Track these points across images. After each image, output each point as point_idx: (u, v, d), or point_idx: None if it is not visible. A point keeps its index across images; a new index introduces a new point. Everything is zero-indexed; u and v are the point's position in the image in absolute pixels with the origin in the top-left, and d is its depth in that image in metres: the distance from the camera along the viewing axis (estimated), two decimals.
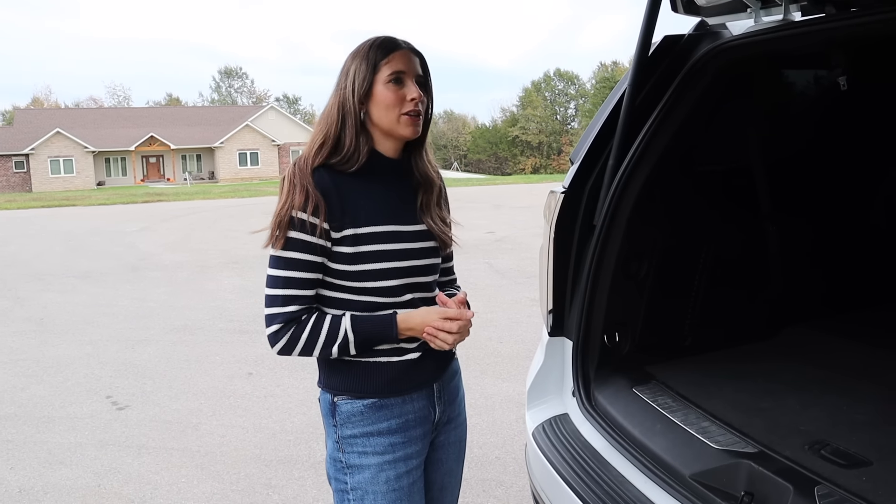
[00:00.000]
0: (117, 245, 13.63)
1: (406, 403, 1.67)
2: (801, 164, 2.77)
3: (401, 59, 1.61)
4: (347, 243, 1.58)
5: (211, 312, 7.39)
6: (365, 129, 1.62)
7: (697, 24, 2.35)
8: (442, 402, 1.75)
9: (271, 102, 65.70)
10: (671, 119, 2.27)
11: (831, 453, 1.77)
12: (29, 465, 3.77)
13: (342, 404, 1.65)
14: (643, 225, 2.29)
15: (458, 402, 1.83)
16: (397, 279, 1.62)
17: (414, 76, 1.62)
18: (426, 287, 1.69)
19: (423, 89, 1.64)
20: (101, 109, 60.61)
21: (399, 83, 1.60)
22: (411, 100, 1.60)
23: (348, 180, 1.59)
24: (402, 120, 1.60)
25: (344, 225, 1.57)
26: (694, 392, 2.16)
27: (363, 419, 1.64)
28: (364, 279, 1.60)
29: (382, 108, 1.60)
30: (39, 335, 6.60)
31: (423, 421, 1.71)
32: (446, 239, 1.72)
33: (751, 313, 2.67)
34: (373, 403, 1.64)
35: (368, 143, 1.62)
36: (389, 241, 1.61)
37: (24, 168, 45.56)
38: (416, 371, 1.67)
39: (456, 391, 1.82)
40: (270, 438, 4.05)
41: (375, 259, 1.59)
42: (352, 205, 1.58)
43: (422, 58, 1.66)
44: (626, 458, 1.91)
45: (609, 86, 62.64)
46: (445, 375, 1.76)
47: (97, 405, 4.68)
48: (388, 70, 1.59)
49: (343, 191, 1.58)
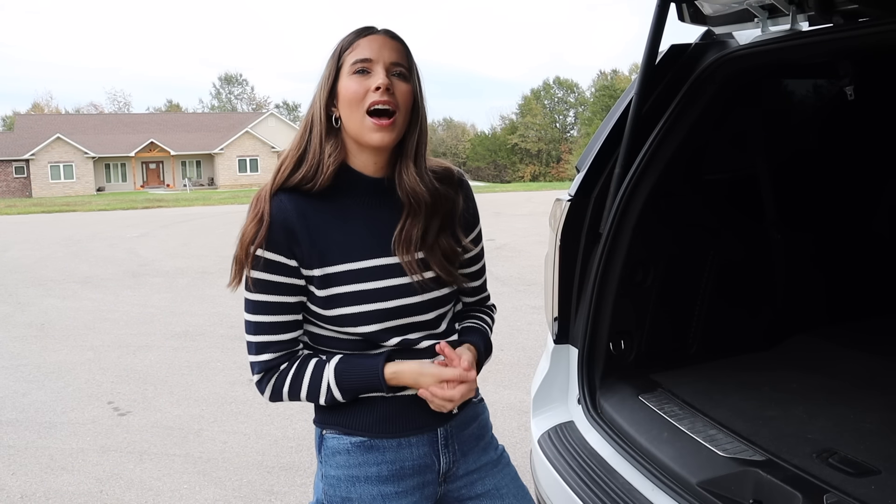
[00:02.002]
0: (118, 251, 13.62)
1: (402, 448, 1.41)
2: (806, 172, 2.78)
3: (368, 44, 1.33)
4: (316, 284, 1.34)
5: (212, 318, 7.38)
6: (334, 137, 1.35)
7: (704, 33, 2.37)
8: (450, 452, 1.47)
9: (271, 109, 65.81)
10: (678, 127, 2.28)
11: (839, 462, 1.77)
12: (31, 470, 3.76)
13: (329, 438, 1.43)
14: (649, 233, 2.30)
15: (480, 453, 1.53)
16: (378, 323, 1.35)
17: (385, 64, 1.32)
18: (425, 326, 1.41)
19: (405, 81, 1.34)
20: (102, 115, 60.68)
21: (364, 73, 1.31)
22: (375, 89, 1.29)
23: (316, 205, 1.34)
24: (367, 123, 1.31)
25: (312, 263, 1.33)
26: (700, 400, 2.16)
27: (349, 460, 1.41)
28: (339, 324, 1.36)
29: (346, 105, 1.32)
30: (41, 340, 6.59)
31: (422, 470, 1.43)
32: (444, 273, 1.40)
33: (756, 321, 2.67)
34: (361, 443, 1.40)
35: (337, 154, 1.34)
36: (367, 279, 1.34)
37: (24, 173, 45.60)
38: (415, 410, 1.40)
39: (474, 440, 1.52)
40: (272, 445, 4.05)
41: (350, 302, 1.34)
42: (321, 238, 1.34)
43: (402, 44, 1.36)
44: (633, 465, 1.91)
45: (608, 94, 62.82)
46: (455, 420, 1.48)
47: (98, 411, 4.67)
48: (351, 59, 1.32)
49: (310, 220, 1.33)
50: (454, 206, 1.45)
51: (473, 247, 1.51)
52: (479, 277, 1.57)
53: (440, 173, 1.45)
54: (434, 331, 1.42)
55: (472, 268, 1.54)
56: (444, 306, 1.44)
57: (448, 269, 1.40)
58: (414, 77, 1.36)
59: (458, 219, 1.45)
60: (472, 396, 1.50)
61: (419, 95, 1.38)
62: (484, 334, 1.54)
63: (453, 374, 1.34)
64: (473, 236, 1.51)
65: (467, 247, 1.47)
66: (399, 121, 1.33)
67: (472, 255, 1.51)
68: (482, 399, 1.59)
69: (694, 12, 2.32)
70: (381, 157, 1.37)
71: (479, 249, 1.55)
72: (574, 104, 71.12)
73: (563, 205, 2.37)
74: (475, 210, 1.53)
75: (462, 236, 1.46)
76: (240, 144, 49.64)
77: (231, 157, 49.57)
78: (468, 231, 1.49)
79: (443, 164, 1.48)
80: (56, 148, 45.61)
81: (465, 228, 1.48)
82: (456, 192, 1.46)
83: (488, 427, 1.58)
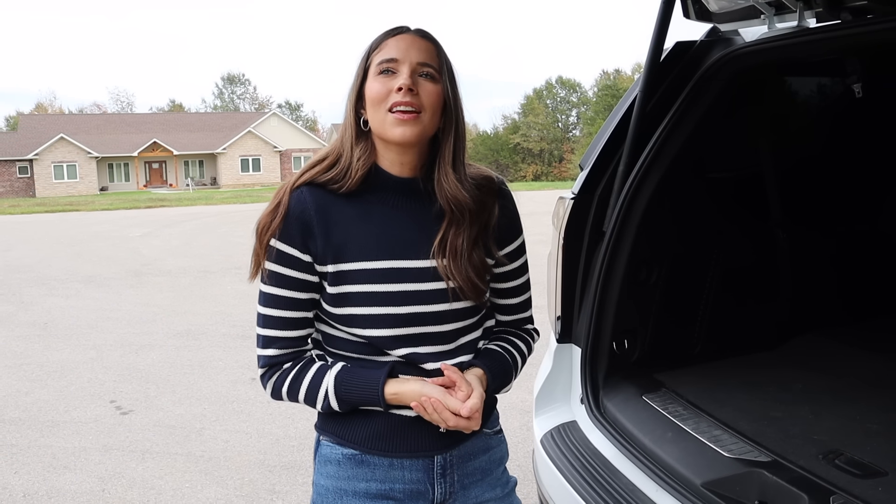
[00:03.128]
0: (121, 250, 13.63)
1: (394, 468, 1.35)
2: (811, 171, 2.76)
3: (395, 44, 1.29)
4: (330, 281, 1.30)
5: (214, 318, 7.38)
6: (364, 140, 1.32)
7: (709, 30, 2.35)
8: (446, 482, 1.39)
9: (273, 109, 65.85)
10: (682, 125, 2.26)
11: (846, 463, 1.75)
12: (33, 469, 3.75)
13: (324, 446, 1.40)
14: (653, 231, 2.28)
15: (485, 488, 1.44)
16: (388, 328, 1.29)
17: (411, 64, 1.27)
18: (438, 339, 1.33)
19: (433, 82, 1.29)
20: (105, 115, 60.75)
21: (389, 73, 1.28)
22: (398, 90, 1.25)
23: (340, 203, 1.31)
24: (389, 118, 1.26)
25: (326, 259, 1.30)
26: (704, 400, 2.14)
27: (339, 471, 1.37)
28: (348, 324, 1.32)
29: (370, 106, 1.29)
30: (43, 339, 6.59)
31: (414, 496, 1.37)
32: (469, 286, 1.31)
33: (761, 321, 2.66)
34: (353, 456, 1.36)
35: (367, 158, 1.31)
36: (383, 280, 1.29)
37: (27, 173, 45.68)
38: (409, 432, 1.34)
39: (480, 473, 1.43)
40: (274, 444, 4.04)
41: (360, 302, 1.29)
42: (339, 234, 1.30)
43: (433, 43, 1.32)
44: (637, 466, 1.89)
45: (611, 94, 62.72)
46: (456, 451, 1.39)
47: (101, 410, 4.67)
48: (377, 59, 1.29)
49: (329, 215, 1.30)
50: (490, 217, 1.37)
51: (508, 262, 1.42)
52: (517, 295, 1.47)
53: (479, 181, 1.38)
54: (445, 347, 1.34)
55: (509, 283, 1.45)
56: (463, 320, 1.36)
57: (473, 281, 1.32)
58: (444, 78, 1.31)
59: (492, 230, 1.38)
60: (487, 427, 1.44)
61: (450, 97, 1.31)
62: (503, 361, 1.43)
63: (454, 407, 1.27)
64: (511, 250, 1.42)
65: (501, 260, 1.39)
66: (425, 119, 1.28)
67: (508, 269, 1.43)
68: (500, 431, 1.50)
69: (699, 9, 2.30)
70: (408, 156, 1.32)
71: (518, 265, 1.45)
72: (577, 104, 71.04)
73: (566, 203, 2.36)
74: (516, 221, 1.44)
75: (494, 248, 1.37)
76: (242, 144, 49.67)
77: (233, 156, 49.60)
78: (503, 244, 1.40)
79: (483, 172, 1.41)
80: (59, 148, 45.68)
81: (500, 241, 1.40)
82: (493, 201, 1.38)
83: (500, 462, 1.49)
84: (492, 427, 1.48)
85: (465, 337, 1.38)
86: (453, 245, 1.31)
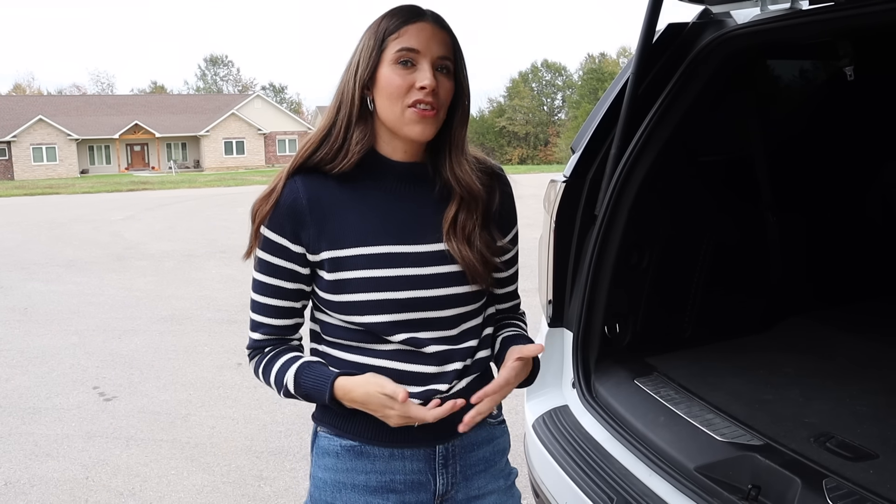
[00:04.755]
0: (102, 234, 13.48)
1: (394, 459, 1.34)
2: (801, 155, 2.75)
3: (416, 33, 1.24)
4: (325, 268, 1.28)
5: (198, 302, 7.32)
6: (364, 121, 1.29)
7: (701, 12, 2.32)
8: (448, 473, 1.37)
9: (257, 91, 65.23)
10: (674, 108, 2.24)
11: (837, 446, 1.76)
12: (15, 457, 3.70)
13: (321, 437, 1.38)
14: (645, 215, 2.27)
15: (488, 479, 1.43)
16: (387, 314, 1.27)
17: (432, 58, 1.24)
18: (438, 324, 1.31)
19: (449, 77, 1.27)
20: (85, 97, 59.98)
21: (408, 65, 1.24)
22: (420, 88, 1.22)
23: (334, 187, 1.29)
24: (408, 114, 1.24)
25: (320, 247, 1.28)
26: (696, 384, 2.14)
27: (338, 463, 1.35)
28: (345, 312, 1.29)
29: (385, 96, 1.25)
30: (24, 325, 6.51)
31: (415, 487, 1.35)
32: (479, 270, 1.30)
33: (751, 304, 2.66)
34: (352, 447, 1.34)
35: (365, 140, 1.28)
36: (381, 265, 1.27)
37: (5, 156, 45.00)
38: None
39: (482, 464, 1.42)
40: (261, 430, 4.01)
41: (359, 288, 1.27)
42: (334, 221, 1.28)
43: (449, 34, 1.29)
44: (629, 450, 1.89)
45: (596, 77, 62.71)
46: (459, 441, 1.37)
47: (84, 396, 4.62)
48: (396, 46, 1.24)
49: (323, 204, 1.28)
50: (492, 199, 1.37)
51: (512, 247, 1.42)
52: (513, 282, 1.48)
53: (483, 166, 1.38)
54: (447, 332, 1.32)
55: (509, 271, 1.44)
56: (463, 306, 1.33)
57: (486, 264, 1.31)
58: (459, 69, 1.29)
59: (495, 214, 1.37)
60: (490, 416, 1.42)
61: (463, 88, 1.30)
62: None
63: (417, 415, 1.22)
64: (511, 237, 1.42)
65: (505, 247, 1.38)
66: (441, 116, 1.27)
67: (508, 257, 1.42)
68: (503, 421, 1.48)
69: None
70: (414, 144, 1.31)
71: (515, 251, 1.45)
72: (562, 87, 71.00)
73: (557, 186, 2.34)
74: (514, 209, 1.43)
75: (498, 235, 1.36)
76: (226, 126, 49.24)
77: (217, 139, 49.16)
78: (505, 231, 1.40)
79: (479, 157, 1.40)
80: (38, 130, 45.01)
81: (502, 228, 1.39)
82: (493, 184, 1.38)
83: (503, 452, 1.47)
84: (495, 417, 1.46)
85: (468, 323, 1.36)
86: (464, 228, 1.30)
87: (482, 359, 1.39)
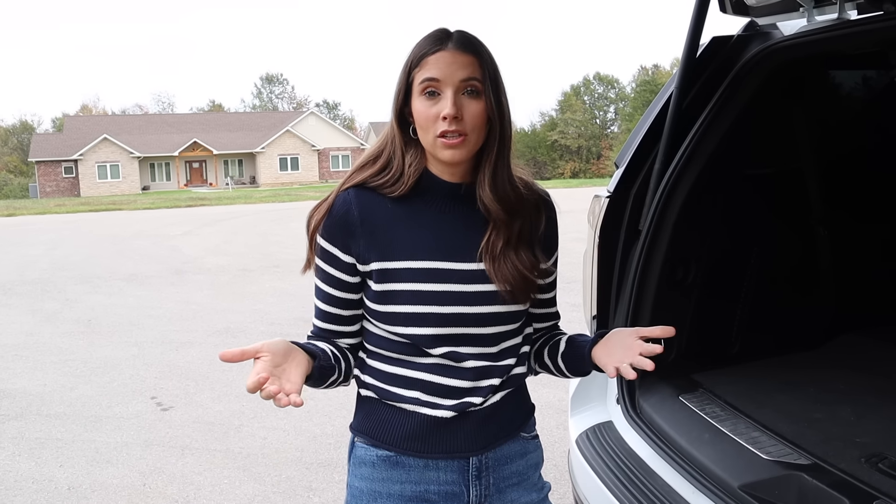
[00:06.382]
0: (162, 248, 13.89)
1: (429, 469, 1.36)
2: (854, 167, 2.69)
3: (436, 63, 1.27)
4: (374, 278, 1.33)
5: (253, 315, 7.48)
6: (415, 146, 1.34)
7: (747, 24, 2.31)
8: (481, 484, 1.39)
9: (311, 108, 66.44)
10: (719, 122, 2.22)
11: (889, 467, 1.71)
12: (77, 463, 3.84)
13: (358, 447, 1.42)
14: (690, 230, 2.25)
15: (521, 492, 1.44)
16: (430, 327, 1.31)
17: (454, 84, 1.27)
18: (479, 341, 1.34)
19: (478, 98, 1.28)
20: (147, 116, 61.98)
21: (433, 95, 1.28)
22: (443, 118, 1.26)
23: (388, 205, 1.33)
24: (438, 143, 1.28)
25: (370, 258, 1.32)
26: (742, 401, 2.11)
27: (374, 473, 1.38)
28: (390, 322, 1.33)
29: (419, 126, 1.31)
30: (87, 336, 6.75)
31: (448, 497, 1.37)
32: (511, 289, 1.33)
33: (801, 320, 2.60)
34: (388, 457, 1.37)
35: (418, 163, 1.33)
36: (428, 279, 1.30)
37: (73, 173, 46.87)
38: (445, 433, 1.35)
39: (516, 477, 1.44)
40: (311, 441, 4.08)
41: (405, 300, 1.31)
42: (385, 234, 1.32)
43: (474, 55, 1.29)
44: (673, 467, 1.87)
45: (649, 89, 61.96)
46: (492, 453, 1.40)
47: (142, 405, 4.77)
48: (420, 78, 1.29)
49: (376, 217, 1.32)
50: (536, 222, 1.39)
51: (555, 270, 1.46)
52: (552, 305, 1.52)
53: (525, 186, 1.40)
54: (488, 349, 1.35)
55: (551, 293, 1.49)
56: (504, 324, 1.36)
57: (522, 281, 1.33)
58: (488, 89, 1.29)
59: (539, 237, 1.39)
60: (524, 431, 1.45)
61: (493, 107, 1.30)
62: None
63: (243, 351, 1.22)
64: (553, 260, 1.45)
65: (549, 269, 1.42)
66: (472, 140, 1.29)
67: (550, 280, 1.45)
68: (536, 436, 1.50)
69: (736, 3, 2.26)
70: (459, 167, 1.34)
71: (556, 274, 1.49)
72: (614, 100, 70.39)
73: (601, 201, 2.34)
74: (556, 234, 1.46)
75: (542, 257, 1.39)
76: (281, 143, 50.25)
77: (272, 155, 50.21)
78: (548, 254, 1.42)
79: (528, 181, 1.42)
80: (103, 148, 46.76)
81: (546, 251, 1.41)
82: (538, 208, 1.41)
83: (536, 467, 1.49)
84: (529, 431, 1.48)
85: (508, 342, 1.39)
86: (495, 246, 1.33)
87: (517, 375, 1.42)
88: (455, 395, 1.34)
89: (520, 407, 1.45)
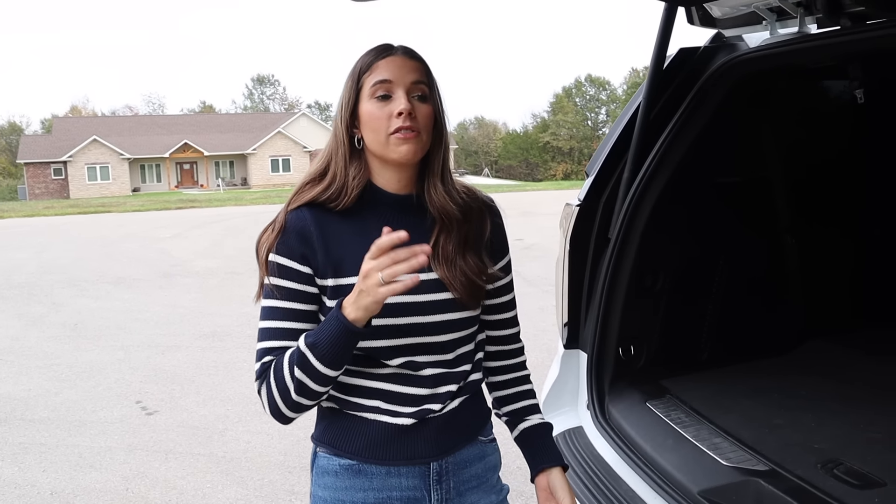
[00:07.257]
0: (150, 251, 13.87)
1: (391, 476, 1.38)
2: (817, 176, 2.74)
3: (387, 66, 1.32)
4: (329, 295, 1.33)
5: (240, 319, 7.49)
6: (358, 159, 1.35)
7: (714, 36, 2.35)
8: (442, 489, 1.41)
9: (303, 109, 66.33)
10: (686, 131, 2.27)
11: (844, 473, 1.75)
12: (61, 468, 3.86)
13: (320, 457, 1.42)
14: (658, 238, 2.29)
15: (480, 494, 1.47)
16: (386, 339, 1.32)
17: (405, 86, 1.31)
18: (434, 349, 1.36)
19: (426, 103, 1.33)
20: (137, 117, 61.70)
21: (385, 98, 1.31)
22: (398, 114, 1.29)
23: (337, 221, 1.34)
24: (392, 140, 1.30)
25: (326, 273, 1.32)
26: (708, 407, 2.15)
27: (337, 482, 1.39)
28: None
29: (369, 130, 1.32)
30: (73, 340, 6.75)
31: (411, 503, 1.40)
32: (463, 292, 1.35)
33: (770, 327, 2.64)
34: (350, 466, 1.38)
35: (361, 176, 1.35)
36: None
37: (62, 175, 46.56)
38: (406, 440, 1.37)
39: (475, 480, 1.46)
40: (294, 445, 4.10)
41: None
42: (337, 250, 1.33)
43: (421, 62, 1.35)
44: (637, 473, 1.91)
45: None
46: (452, 458, 1.42)
47: (127, 410, 4.78)
48: (370, 81, 1.32)
49: (327, 231, 1.33)
50: (482, 227, 1.42)
51: (503, 276, 1.47)
52: (510, 309, 1.53)
53: (467, 192, 1.43)
54: (444, 356, 1.38)
55: (503, 298, 1.50)
56: (458, 331, 1.39)
57: (470, 285, 1.35)
58: (434, 95, 1.35)
59: (486, 243, 1.42)
60: (481, 435, 1.48)
61: (440, 113, 1.36)
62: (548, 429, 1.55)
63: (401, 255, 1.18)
64: (503, 264, 1.47)
65: (496, 274, 1.43)
66: (424, 138, 1.32)
67: (501, 284, 1.48)
68: (494, 439, 1.53)
69: (703, 15, 2.31)
70: (405, 173, 1.36)
71: (509, 279, 1.51)
72: (606, 101, 70.55)
73: (572, 209, 2.38)
74: (504, 239, 1.48)
75: (489, 262, 1.41)
76: (272, 144, 50.13)
77: (263, 157, 50.08)
78: (497, 258, 1.45)
79: (469, 188, 1.45)
80: (92, 150, 46.49)
81: (493, 255, 1.44)
82: (482, 214, 1.44)
83: (495, 469, 1.52)
84: (486, 435, 1.51)
85: (462, 348, 1.42)
86: (445, 251, 1.35)
87: (474, 381, 1.45)
88: (414, 403, 1.36)
89: (477, 412, 1.48)
